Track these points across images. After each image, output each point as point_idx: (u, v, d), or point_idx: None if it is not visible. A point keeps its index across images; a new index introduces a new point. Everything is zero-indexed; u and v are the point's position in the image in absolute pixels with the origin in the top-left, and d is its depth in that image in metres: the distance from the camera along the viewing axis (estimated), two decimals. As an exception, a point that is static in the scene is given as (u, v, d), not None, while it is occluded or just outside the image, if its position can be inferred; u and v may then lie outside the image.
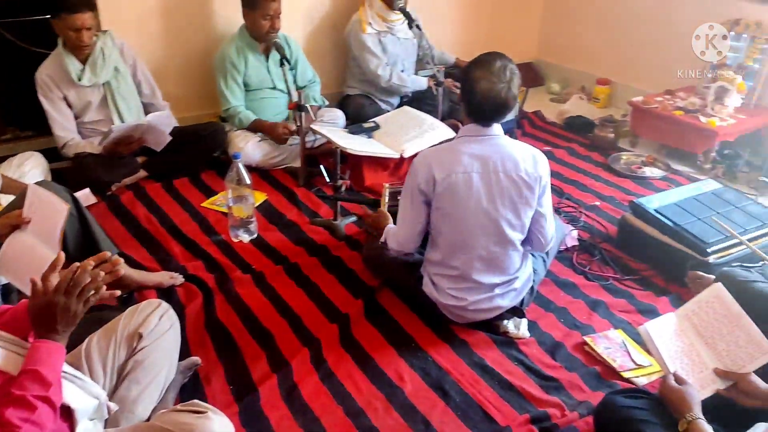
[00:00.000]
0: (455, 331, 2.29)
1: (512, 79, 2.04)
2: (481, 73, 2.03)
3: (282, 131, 3.39)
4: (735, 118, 3.44)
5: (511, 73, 2.05)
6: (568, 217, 3.04)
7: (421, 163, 2.15)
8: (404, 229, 2.25)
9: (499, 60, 2.05)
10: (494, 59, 2.05)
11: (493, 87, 2.02)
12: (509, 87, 2.03)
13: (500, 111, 2.07)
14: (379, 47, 3.76)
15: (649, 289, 2.56)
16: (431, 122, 3.44)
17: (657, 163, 3.58)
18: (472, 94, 2.05)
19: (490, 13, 4.70)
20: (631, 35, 4.34)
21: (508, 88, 2.03)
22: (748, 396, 1.69)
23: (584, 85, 4.64)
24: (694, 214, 2.66)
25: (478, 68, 2.05)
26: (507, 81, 2.03)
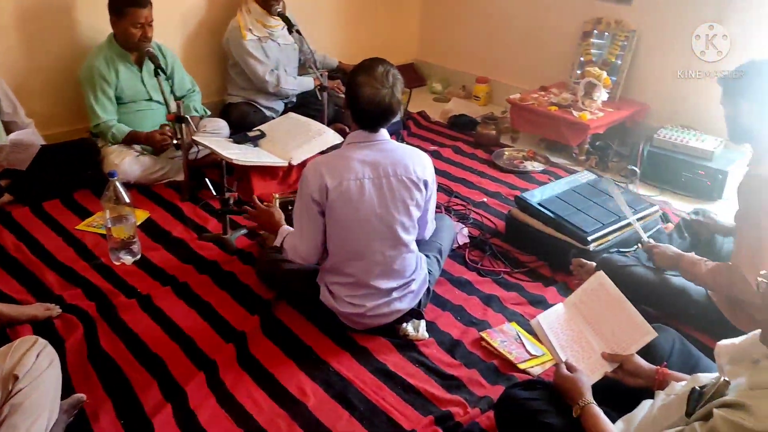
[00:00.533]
0: (355, 339, 2.28)
1: (395, 84, 2.06)
2: (365, 79, 2.03)
3: (160, 138, 3.21)
4: (603, 111, 3.66)
5: (394, 78, 2.06)
6: (458, 215, 3.11)
7: (313, 172, 2.11)
8: (305, 243, 2.20)
9: (381, 65, 2.06)
10: (376, 65, 2.06)
11: (377, 93, 2.02)
12: (393, 92, 2.05)
13: (386, 116, 2.08)
14: (261, 53, 3.68)
15: (538, 280, 2.66)
16: (318, 128, 3.40)
17: (537, 157, 3.74)
18: (356, 101, 2.04)
19: (370, 15, 4.73)
20: (504, 35, 4.51)
21: (392, 94, 2.04)
22: (633, 376, 1.78)
23: (465, 84, 4.78)
24: (573, 205, 2.79)
25: (361, 75, 2.05)
26: (390, 86, 2.04)
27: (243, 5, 3.68)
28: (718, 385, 1.31)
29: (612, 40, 3.87)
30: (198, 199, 3.18)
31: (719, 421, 1.22)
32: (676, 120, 3.65)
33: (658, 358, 1.82)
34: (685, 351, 1.89)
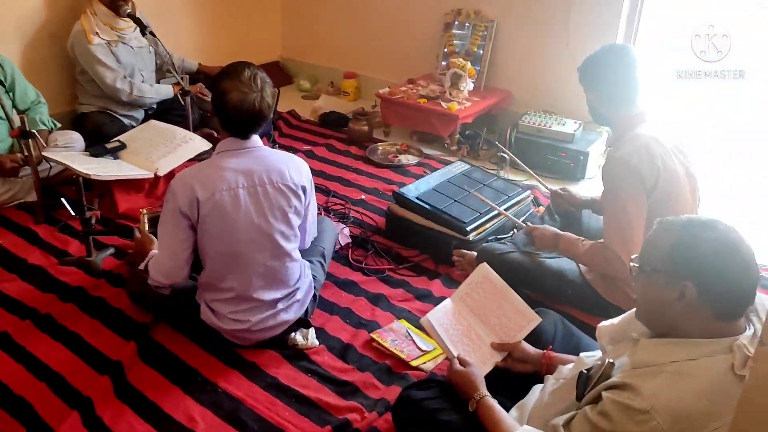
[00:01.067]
0: (243, 355, 2.18)
1: (264, 88, 1.97)
2: (231, 84, 1.94)
3: (10, 165, 2.90)
4: (470, 101, 3.75)
5: (263, 81, 1.98)
6: (338, 215, 3.07)
7: (181, 184, 1.99)
8: (169, 259, 2.06)
9: (247, 69, 1.97)
10: (242, 68, 1.97)
11: (246, 98, 1.93)
12: (262, 96, 1.96)
13: (257, 122, 1.99)
14: (111, 58, 3.42)
15: (422, 274, 2.68)
16: (183, 135, 3.24)
17: (411, 150, 3.78)
18: (224, 108, 1.94)
19: (229, 14, 4.56)
20: (369, 29, 4.51)
21: (261, 98, 1.96)
22: (521, 362, 1.84)
23: (333, 80, 4.74)
24: (450, 197, 2.84)
25: (227, 80, 1.95)
26: (259, 90, 1.96)
27: (87, 7, 3.39)
28: (603, 368, 1.36)
29: (473, 30, 3.98)
30: (55, 221, 2.91)
31: (608, 403, 1.26)
32: (537, 106, 3.82)
33: (543, 342, 1.88)
34: (567, 333, 1.96)
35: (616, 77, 2.18)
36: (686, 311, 1.28)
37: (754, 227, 2.75)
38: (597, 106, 2.26)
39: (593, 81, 2.23)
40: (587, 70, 2.24)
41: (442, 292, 2.52)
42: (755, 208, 3.17)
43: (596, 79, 2.21)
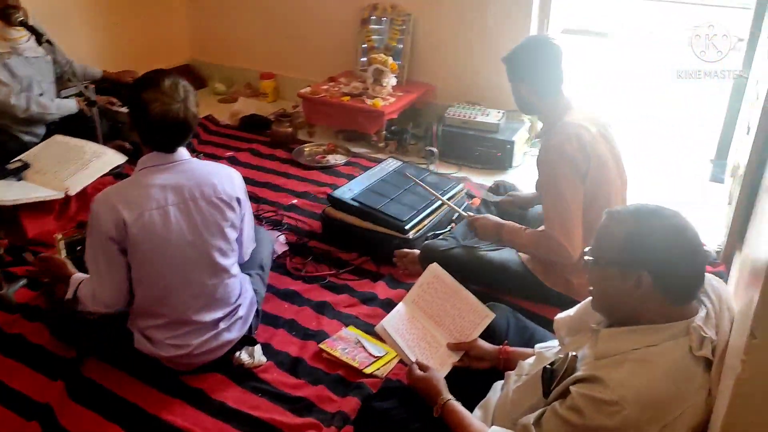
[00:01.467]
0: (186, 381, 2.04)
1: (188, 97, 1.85)
2: (152, 95, 1.80)
3: None
4: (394, 97, 3.70)
5: (185, 90, 1.85)
6: (271, 222, 2.95)
7: (104, 207, 1.83)
8: (107, 288, 1.91)
9: (167, 77, 1.84)
10: (162, 78, 1.84)
11: (169, 109, 1.80)
12: (186, 106, 1.84)
13: (183, 134, 1.87)
14: (4, 72, 3.12)
15: (365, 276, 2.60)
16: (94, 149, 3.03)
17: (338, 149, 3.69)
18: (146, 121, 1.81)
19: (130, 16, 4.32)
20: (283, 27, 4.38)
21: (185, 108, 1.84)
22: (479, 360, 1.82)
23: (249, 82, 4.58)
24: (386, 195, 2.78)
25: (147, 91, 1.81)
26: (182, 100, 1.83)
27: (-27, 16, 3.10)
28: (568, 362, 1.35)
29: (390, 24, 3.92)
30: (-43, 255, 2.65)
31: (577, 397, 1.26)
32: (461, 97, 3.81)
33: (497, 337, 1.87)
34: (519, 324, 1.97)
35: (545, 68, 2.21)
36: (643, 299, 1.29)
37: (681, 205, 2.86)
38: (526, 97, 2.28)
39: (523, 73, 2.24)
40: (516, 63, 2.25)
41: (388, 294, 2.46)
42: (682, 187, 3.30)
43: (526, 71, 2.23)
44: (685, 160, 3.62)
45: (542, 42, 2.26)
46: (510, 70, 2.28)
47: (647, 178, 3.24)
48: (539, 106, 2.28)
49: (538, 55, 2.22)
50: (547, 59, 2.21)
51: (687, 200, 3.14)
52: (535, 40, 2.29)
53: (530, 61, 2.22)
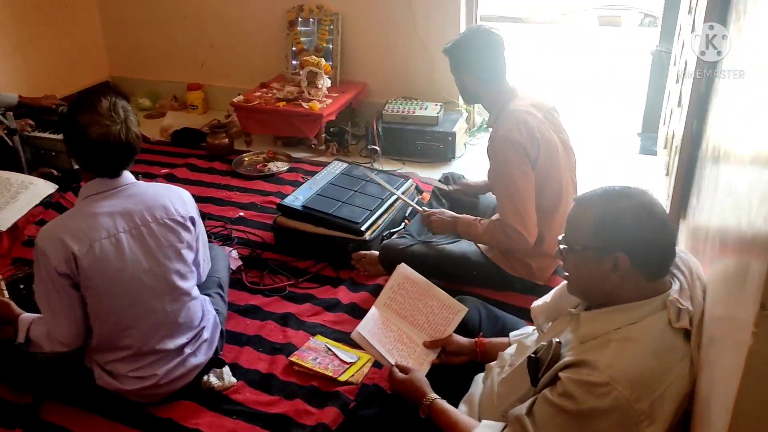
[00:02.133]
0: (154, 413, 1.95)
1: (128, 117, 1.77)
2: (89, 118, 1.71)
3: None
4: (330, 98, 3.65)
5: (124, 109, 1.77)
6: (220, 237, 2.86)
7: (49, 241, 1.73)
8: (63, 326, 1.81)
9: (103, 98, 1.76)
10: (98, 99, 1.75)
11: (109, 131, 1.72)
12: (127, 126, 1.76)
13: (127, 156, 1.79)
14: None
15: (325, 283, 2.56)
16: (21, 180, 2.88)
17: (278, 156, 3.62)
18: (86, 147, 1.72)
19: (40, 35, 4.10)
20: (206, 35, 4.26)
21: (126, 128, 1.76)
22: (456, 355, 1.82)
23: (175, 94, 4.43)
24: (337, 199, 2.74)
25: (83, 114, 1.72)
26: (122, 120, 1.75)
27: None
28: (552, 349, 1.35)
29: (318, 25, 3.88)
30: None
31: (567, 382, 1.26)
32: (397, 93, 3.81)
33: (470, 330, 1.87)
34: (490, 315, 1.98)
35: (488, 58, 2.24)
36: (621, 280, 1.31)
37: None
38: (471, 88, 2.30)
39: (467, 64, 2.26)
40: (460, 55, 2.27)
41: (351, 298, 2.44)
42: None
43: (470, 62, 2.25)
44: (610, 136, 3.74)
45: (483, 33, 2.27)
46: (453, 62, 2.30)
47: (581, 157, 3.33)
48: (484, 95, 2.31)
49: (481, 46, 2.24)
50: (490, 49, 2.23)
51: (625, 174, 3.25)
52: (476, 32, 2.29)
53: (473, 53, 2.24)
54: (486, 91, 2.28)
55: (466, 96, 2.40)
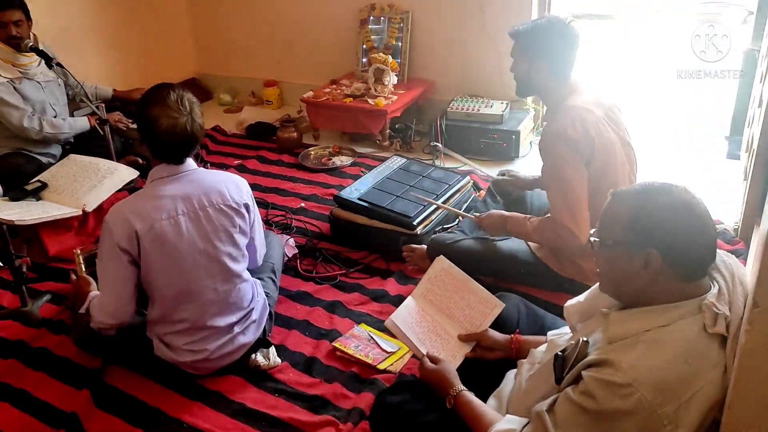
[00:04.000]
0: (205, 385, 2.10)
1: (193, 109, 1.91)
2: (159, 110, 1.86)
3: None
4: (396, 95, 3.74)
5: (190, 102, 1.91)
6: (280, 226, 3.01)
7: (116, 218, 1.90)
8: (113, 298, 1.97)
9: (172, 92, 1.90)
10: (167, 92, 1.89)
11: (176, 122, 1.86)
12: (192, 118, 1.90)
13: (191, 146, 1.93)
14: (15, 96, 3.20)
15: (375, 274, 2.65)
16: (107, 166, 3.10)
17: (343, 150, 3.74)
18: (154, 135, 1.87)
19: (137, 35, 4.40)
20: (284, 35, 4.44)
21: (191, 120, 1.89)
22: (491, 350, 1.81)
23: (253, 91, 4.64)
24: (392, 193, 2.82)
25: (154, 106, 1.87)
26: (188, 112, 1.89)
27: (-15, 46, 3.20)
28: (579, 347, 1.34)
29: (389, 23, 3.97)
30: (-20, 275, 2.74)
31: (590, 381, 1.24)
32: (462, 91, 3.85)
33: (508, 326, 1.86)
34: (530, 313, 1.95)
35: (564, 48, 2.18)
36: (653, 278, 1.28)
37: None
38: (535, 77, 2.23)
39: (542, 50, 2.18)
40: (535, 40, 2.19)
41: (398, 290, 2.51)
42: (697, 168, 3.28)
43: (545, 49, 2.18)
44: (703, 139, 3.58)
45: (562, 22, 2.20)
46: (522, 47, 2.23)
47: (664, 160, 3.23)
48: (546, 87, 2.24)
49: (559, 35, 2.17)
50: (568, 40, 2.18)
51: (705, 179, 3.12)
52: (554, 20, 2.20)
53: (550, 40, 2.17)
54: (551, 82, 2.22)
55: (524, 85, 2.29)
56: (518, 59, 2.26)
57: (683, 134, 3.65)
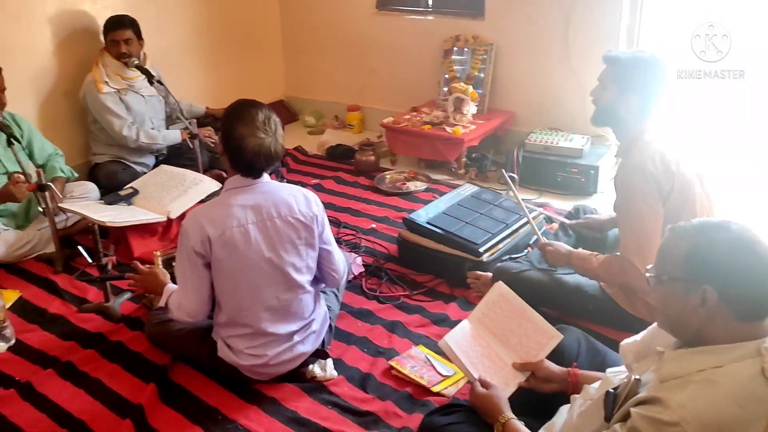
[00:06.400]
0: (262, 390, 2.17)
1: (277, 130, 2.00)
2: (246, 130, 1.94)
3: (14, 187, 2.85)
4: (475, 124, 3.77)
5: (275, 123, 2.00)
6: (349, 245, 3.08)
7: (192, 224, 2.01)
8: (191, 299, 2.08)
9: (259, 111, 1.98)
10: (254, 111, 1.97)
11: (263, 143, 1.95)
12: (276, 139, 1.99)
13: (271, 164, 2.03)
14: (120, 106, 3.50)
15: (438, 298, 2.66)
16: (193, 177, 3.28)
17: (418, 176, 3.80)
18: (240, 153, 1.96)
19: (233, 58, 4.65)
20: (369, 62, 4.58)
21: (275, 141, 1.98)
22: (546, 382, 1.77)
23: (337, 114, 4.79)
24: (461, 219, 2.84)
25: (241, 124, 1.95)
26: (273, 133, 1.98)
27: (99, 58, 3.51)
28: (630, 385, 1.32)
29: (472, 55, 4.02)
30: (73, 269, 2.95)
31: (637, 419, 1.22)
32: (543, 124, 3.83)
33: (566, 359, 1.82)
34: (591, 348, 1.91)
35: (657, 87, 2.14)
36: (709, 317, 1.25)
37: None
38: (619, 107, 2.16)
39: (633, 84, 2.12)
40: (631, 71, 2.13)
41: (459, 315, 2.50)
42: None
43: (638, 84, 2.12)
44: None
45: (662, 60, 2.14)
46: (616, 75, 2.16)
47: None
48: (626, 120, 2.18)
49: (657, 74, 2.13)
50: (662, 80, 2.13)
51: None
52: (658, 57, 2.14)
53: (646, 77, 2.11)
54: (633, 117, 2.16)
55: (605, 114, 2.22)
56: (607, 86, 2.19)
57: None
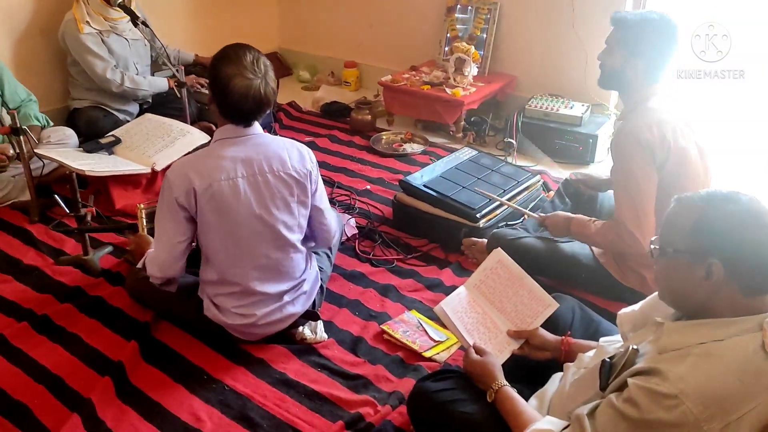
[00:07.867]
0: (250, 351, 2.10)
1: (267, 72, 1.88)
2: (233, 69, 1.82)
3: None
4: (475, 87, 3.65)
5: (265, 65, 1.89)
6: (343, 206, 2.99)
7: (177, 174, 1.90)
8: (164, 251, 1.97)
9: (248, 52, 1.87)
10: (243, 52, 1.86)
11: (251, 84, 1.83)
12: (266, 81, 1.87)
13: (261, 109, 1.90)
14: (103, 48, 3.31)
15: (432, 263, 2.59)
16: (180, 128, 3.16)
17: (415, 138, 3.69)
18: (226, 95, 1.84)
19: (225, 4, 4.46)
20: (369, 17, 4.41)
21: (265, 83, 1.87)
22: (539, 350, 1.76)
23: (333, 70, 4.64)
24: (458, 183, 2.75)
25: (228, 64, 1.84)
26: (263, 75, 1.86)
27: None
28: (627, 355, 1.29)
29: (475, 13, 3.88)
30: (49, 219, 2.82)
31: (634, 389, 1.20)
32: (543, 89, 3.72)
33: (560, 328, 1.81)
34: (585, 317, 1.89)
35: (665, 50, 2.06)
36: (714, 290, 1.22)
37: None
38: (625, 71, 2.09)
39: (640, 47, 2.05)
40: (639, 34, 2.05)
41: (453, 281, 2.44)
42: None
43: (645, 47, 2.04)
44: None
45: (670, 22, 2.05)
46: (623, 37, 2.08)
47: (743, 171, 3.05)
48: (632, 84, 2.11)
49: (665, 37, 2.05)
50: (670, 43, 2.05)
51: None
52: (667, 19, 2.05)
53: (654, 40, 2.04)
54: (640, 81, 2.09)
55: (611, 77, 2.15)
56: (614, 49, 2.12)
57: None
